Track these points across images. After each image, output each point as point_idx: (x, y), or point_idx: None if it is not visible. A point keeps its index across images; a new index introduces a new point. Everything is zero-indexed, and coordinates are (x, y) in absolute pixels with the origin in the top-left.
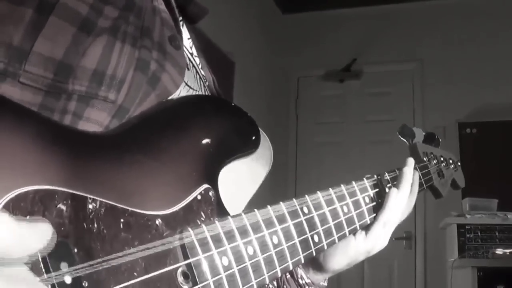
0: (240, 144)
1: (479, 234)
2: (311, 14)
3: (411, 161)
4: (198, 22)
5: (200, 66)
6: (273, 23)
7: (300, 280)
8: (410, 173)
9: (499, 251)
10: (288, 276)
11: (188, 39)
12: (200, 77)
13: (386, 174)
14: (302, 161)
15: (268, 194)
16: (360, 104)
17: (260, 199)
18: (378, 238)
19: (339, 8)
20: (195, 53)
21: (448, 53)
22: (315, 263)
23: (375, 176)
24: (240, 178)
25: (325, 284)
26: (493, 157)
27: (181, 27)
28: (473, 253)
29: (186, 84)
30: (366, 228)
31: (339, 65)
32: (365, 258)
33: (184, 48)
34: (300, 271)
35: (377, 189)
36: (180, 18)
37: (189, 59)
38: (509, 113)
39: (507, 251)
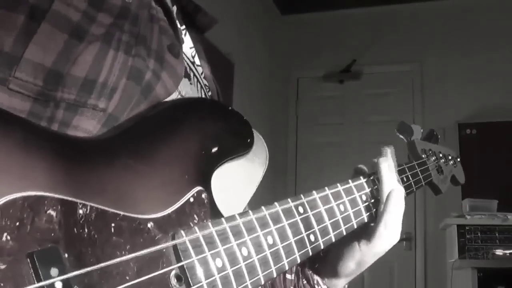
0: (233, 146)
1: (479, 235)
2: (310, 15)
3: (384, 158)
4: (206, 32)
5: (203, 76)
6: (272, 24)
7: (316, 286)
8: (387, 174)
9: (499, 252)
10: (305, 281)
11: (191, 48)
12: (201, 86)
13: None
14: (302, 161)
15: (268, 194)
16: (359, 105)
17: (260, 200)
18: (383, 239)
19: (339, 9)
20: (197, 62)
21: (448, 54)
22: (326, 267)
23: (372, 173)
24: (237, 180)
25: None
26: (493, 158)
27: (182, 36)
28: (473, 254)
29: (180, 94)
30: (368, 231)
31: (338, 66)
32: (375, 260)
33: (185, 57)
34: (316, 277)
35: (375, 186)
36: (183, 27)
37: (190, 68)
38: (509, 114)
39: (507, 252)
